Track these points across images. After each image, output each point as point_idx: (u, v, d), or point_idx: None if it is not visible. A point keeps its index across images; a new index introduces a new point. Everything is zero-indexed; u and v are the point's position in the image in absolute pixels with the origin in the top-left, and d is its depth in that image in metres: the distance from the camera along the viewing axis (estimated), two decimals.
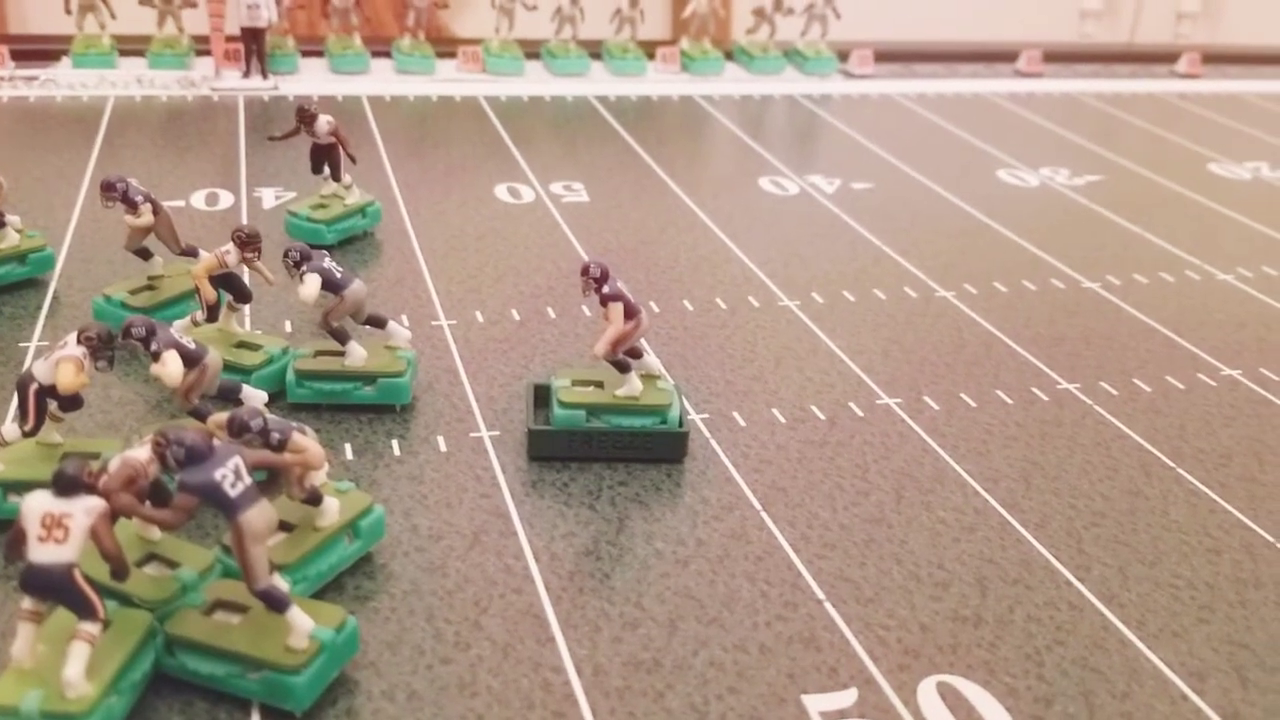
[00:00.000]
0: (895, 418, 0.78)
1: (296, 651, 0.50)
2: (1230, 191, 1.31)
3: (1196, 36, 2.34)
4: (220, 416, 0.57)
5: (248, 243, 0.74)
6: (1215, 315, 0.98)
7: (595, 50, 1.64)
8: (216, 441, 0.51)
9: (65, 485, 0.48)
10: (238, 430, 0.54)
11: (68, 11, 1.45)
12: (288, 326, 0.85)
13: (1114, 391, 0.84)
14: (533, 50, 1.62)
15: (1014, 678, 0.56)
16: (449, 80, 1.54)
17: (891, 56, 1.78)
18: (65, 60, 1.48)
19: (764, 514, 0.67)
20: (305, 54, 1.54)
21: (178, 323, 0.74)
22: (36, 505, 0.47)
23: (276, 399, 0.74)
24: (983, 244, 1.11)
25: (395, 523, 0.64)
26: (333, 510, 0.59)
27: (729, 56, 1.69)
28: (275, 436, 0.54)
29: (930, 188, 1.25)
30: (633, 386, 0.71)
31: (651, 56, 1.64)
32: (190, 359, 0.63)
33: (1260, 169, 1.40)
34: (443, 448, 0.72)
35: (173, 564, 0.55)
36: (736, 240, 1.07)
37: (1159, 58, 1.92)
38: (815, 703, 0.54)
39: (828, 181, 1.25)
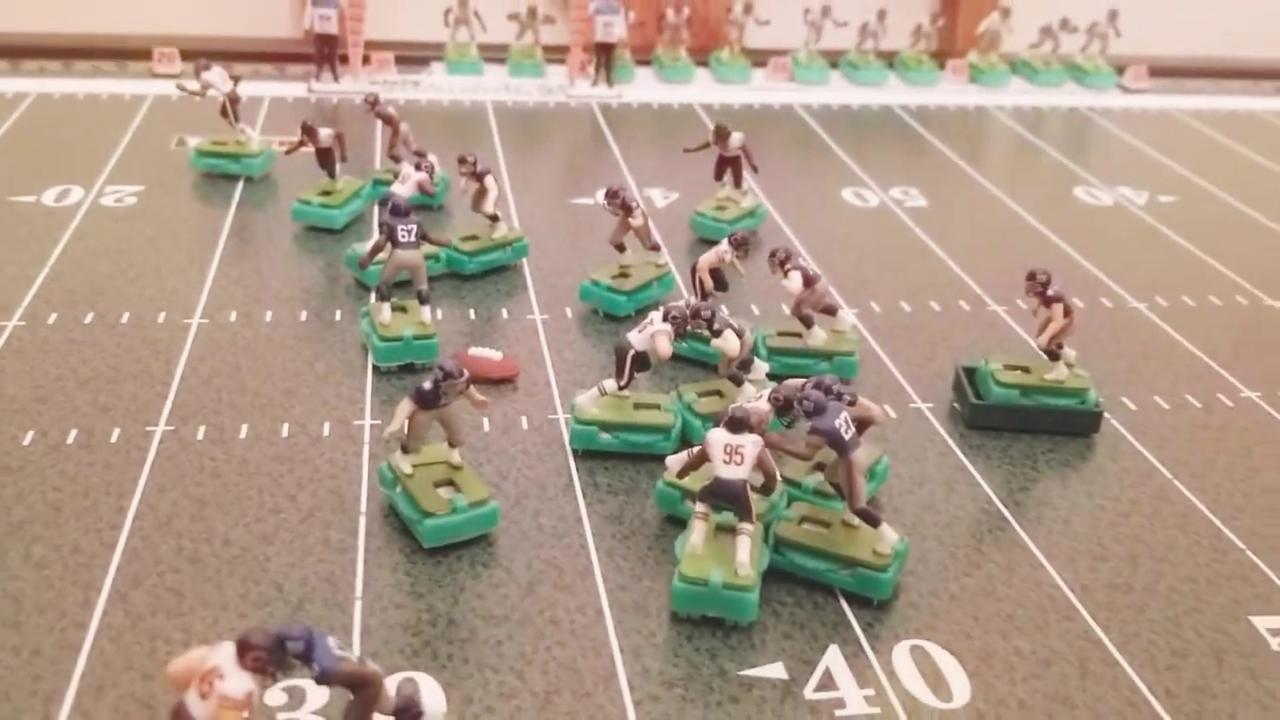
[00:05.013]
0: (1260, 409, 0.93)
1: (883, 555, 0.68)
2: None
3: None
4: (777, 390, 0.74)
5: (741, 244, 0.93)
6: None
7: (889, 62, 1.80)
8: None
9: (737, 424, 0.66)
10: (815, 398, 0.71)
11: (446, 24, 1.67)
12: (754, 310, 1.04)
13: None
14: (832, 60, 1.79)
15: None
16: (760, 89, 1.72)
17: (1163, 72, 1.88)
18: (433, 66, 1.71)
19: (1176, 482, 0.83)
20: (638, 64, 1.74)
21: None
22: (719, 438, 0.66)
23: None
24: None
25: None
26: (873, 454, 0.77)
27: (1012, 69, 1.83)
28: (846, 399, 0.72)
29: (1232, 203, 1.37)
30: (1059, 372, 0.87)
31: (942, 68, 1.79)
32: (738, 334, 0.81)
33: None
34: (893, 414, 0.89)
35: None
36: (1076, 246, 1.22)
37: None
38: (1261, 622, 0.69)
39: (1137, 194, 1.39)
